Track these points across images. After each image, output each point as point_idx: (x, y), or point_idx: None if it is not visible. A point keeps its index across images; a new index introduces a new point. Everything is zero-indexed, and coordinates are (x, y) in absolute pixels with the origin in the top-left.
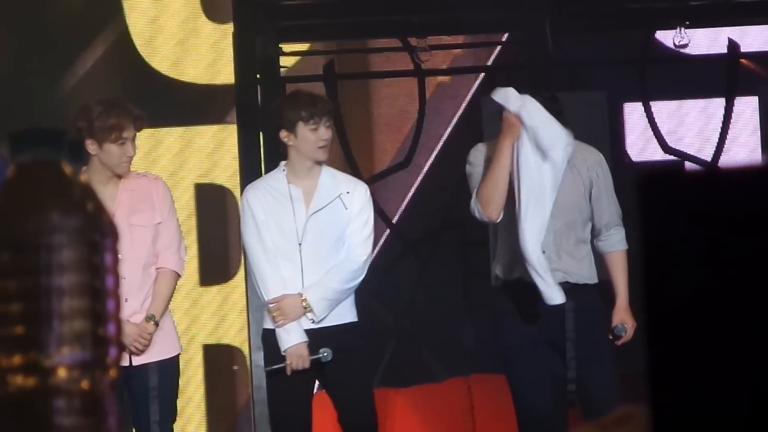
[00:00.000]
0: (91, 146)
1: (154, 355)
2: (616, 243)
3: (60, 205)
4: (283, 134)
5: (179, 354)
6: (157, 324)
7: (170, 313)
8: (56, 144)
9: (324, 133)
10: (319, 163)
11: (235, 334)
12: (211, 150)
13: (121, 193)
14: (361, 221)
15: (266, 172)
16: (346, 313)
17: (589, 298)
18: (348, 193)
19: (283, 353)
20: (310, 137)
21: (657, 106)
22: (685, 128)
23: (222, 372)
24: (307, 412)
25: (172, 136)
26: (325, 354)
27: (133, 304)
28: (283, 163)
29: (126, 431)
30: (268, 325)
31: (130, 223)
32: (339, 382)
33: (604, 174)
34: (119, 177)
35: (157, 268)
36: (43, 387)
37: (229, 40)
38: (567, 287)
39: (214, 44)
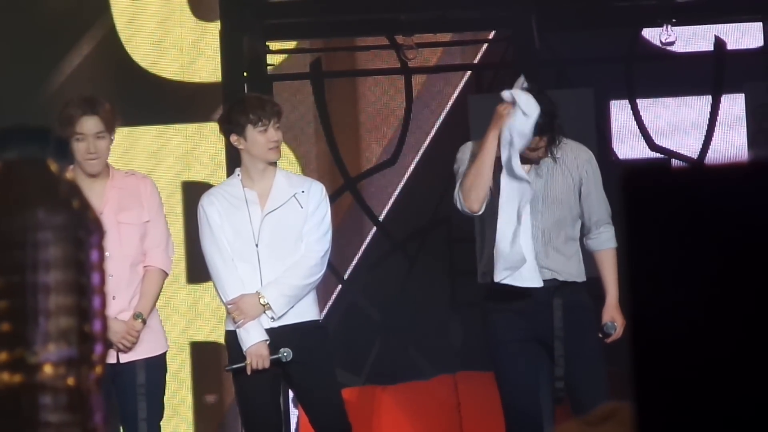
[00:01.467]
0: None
1: (141, 352)
2: (605, 241)
3: (46, 202)
4: (233, 138)
5: (166, 351)
6: (144, 322)
7: (157, 311)
8: (42, 142)
9: (273, 134)
10: (273, 164)
11: (221, 330)
12: (191, 148)
13: (109, 190)
14: (318, 218)
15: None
16: (307, 311)
17: (578, 296)
18: (303, 192)
19: (244, 353)
20: (259, 139)
21: (643, 104)
22: (671, 126)
23: (209, 369)
24: (276, 412)
25: (151, 133)
26: (285, 354)
27: (121, 302)
28: (238, 168)
29: (113, 428)
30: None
31: (117, 221)
32: (303, 384)
33: (594, 172)
34: (107, 172)
35: (144, 267)
36: (29, 384)
37: (216, 38)
38: (555, 284)
39: (199, 42)
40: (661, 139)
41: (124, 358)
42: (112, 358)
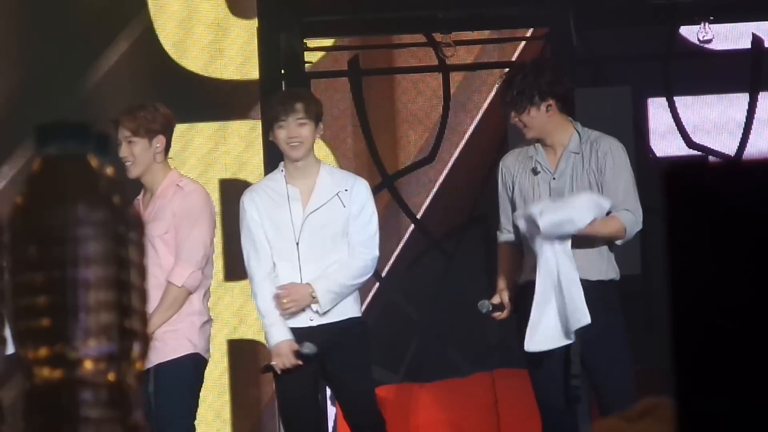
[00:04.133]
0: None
1: (152, 360)
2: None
3: (86, 198)
4: (270, 135)
5: (187, 357)
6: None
7: (183, 320)
8: (82, 137)
9: (293, 130)
10: (316, 160)
11: (258, 329)
12: (244, 147)
13: (153, 201)
14: (365, 219)
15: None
16: (348, 309)
17: (603, 295)
18: (346, 190)
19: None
20: (280, 135)
21: (681, 101)
22: (709, 123)
23: (246, 367)
24: (314, 408)
25: (190, 131)
26: (307, 350)
27: None
28: (282, 162)
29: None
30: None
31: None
32: (338, 379)
33: (615, 159)
34: (161, 181)
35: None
36: (69, 379)
37: (254, 36)
38: (583, 285)
39: (238, 40)
40: (699, 137)
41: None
42: None
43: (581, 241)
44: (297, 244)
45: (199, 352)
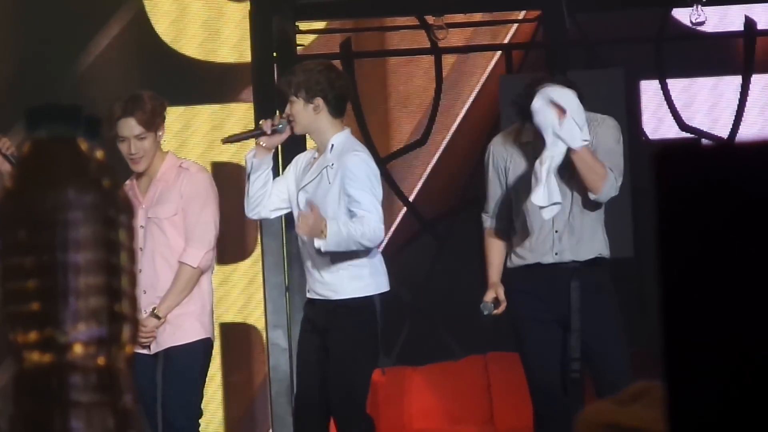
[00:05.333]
0: None
1: (163, 342)
2: None
3: (76, 181)
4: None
5: (199, 341)
6: (158, 317)
7: (194, 302)
8: (72, 120)
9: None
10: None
11: (250, 312)
12: (212, 128)
13: (154, 183)
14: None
15: (282, 150)
16: (346, 288)
17: (597, 277)
18: (332, 165)
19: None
20: None
21: (673, 84)
22: (701, 106)
23: (238, 350)
24: (316, 376)
25: (175, 113)
26: (280, 125)
27: (150, 297)
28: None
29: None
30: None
31: (148, 216)
32: (331, 360)
33: (604, 132)
34: (159, 164)
35: (178, 262)
36: (59, 363)
37: (245, 18)
38: (575, 266)
39: (228, 22)
40: (692, 119)
41: (153, 350)
42: (146, 349)
43: (585, 222)
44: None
45: (210, 335)
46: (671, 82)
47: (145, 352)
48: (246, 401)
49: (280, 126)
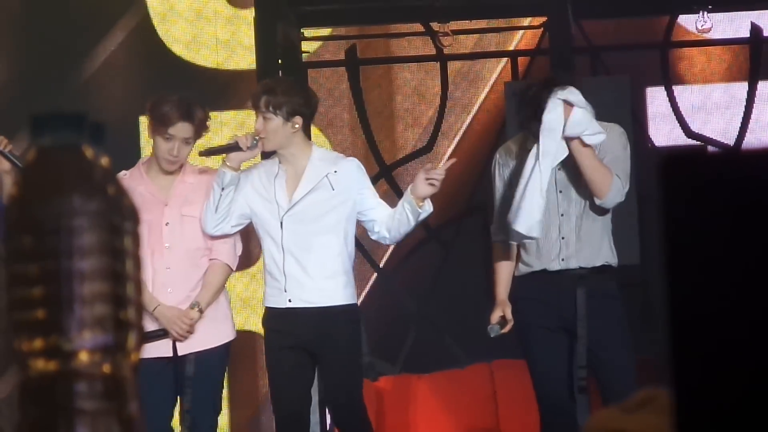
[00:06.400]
0: (150, 133)
1: (193, 345)
2: None
3: (80, 188)
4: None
5: (225, 344)
6: (201, 311)
7: (223, 304)
8: (77, 127)
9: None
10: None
11: (256, 320)
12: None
13: (179, 184)
14: (372, 192)
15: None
16: (336, 295)
17: (603, 284)
18: (336, 172)
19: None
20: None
21: (679, 91)
22: (707, 112)
23: (244, 358)
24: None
25: None
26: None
27: (178, 295)
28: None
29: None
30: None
31: (181, 214)
32: (322, 371)
33: (610, 139)
34: (179, 168)
35: (210, 260)
36: (64, 371)
37: (250, 26)
38: (582, 272)
39: (234, 30)
40: (698, 126)
41: (181, 351)
42: (168, 352)
43: (592, 229)
44: (281, 223)
45: (233, 338)
46: (677, 89)
47: (164, 355)
48: (252, 409)
49: (254, 142)
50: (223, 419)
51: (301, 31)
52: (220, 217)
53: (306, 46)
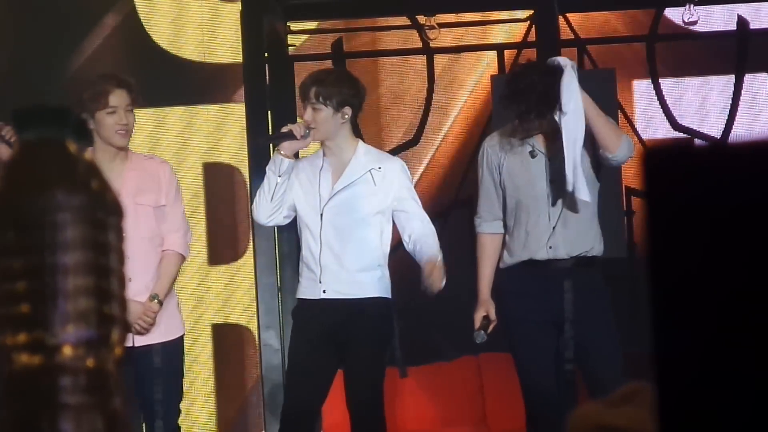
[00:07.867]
0: (90, 122)
1: (157, 336)
2: None
3: (64, 183)
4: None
5: (183, 335)
6: (161, 303)
7: (175, 295)
8: (61, 122)
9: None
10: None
11: (242, 313)
12: (214, 129)
13: (128, 172)
14: (413, 193)
15: (274, 151)
16: (371, 288)
17: (590, 277)
18: (379, 168)
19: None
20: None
21: (666, 84)
22: (694, 106)
23: (230, 351)
24: (320, 390)
25: (175, 114)
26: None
27: (137, 285)
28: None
29: (132, 411)
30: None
31: (135, 203)
32: (348, 360)
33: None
34: (125, 155)
35: (163, 251)
36: (48, 365)
37: (235, 19)
38: (568, 264)
39: (220, 23)
40: (684, 119)
41: (140, 342)
42: (128, 342)
43: (579, 218)
44: (321, 215)
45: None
46: (664, 82)
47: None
48: (238, 402)
49: (307, 132)
50: (210, 413)
51: (288, 24)
52: (275, 206)
53: (292, 39)
